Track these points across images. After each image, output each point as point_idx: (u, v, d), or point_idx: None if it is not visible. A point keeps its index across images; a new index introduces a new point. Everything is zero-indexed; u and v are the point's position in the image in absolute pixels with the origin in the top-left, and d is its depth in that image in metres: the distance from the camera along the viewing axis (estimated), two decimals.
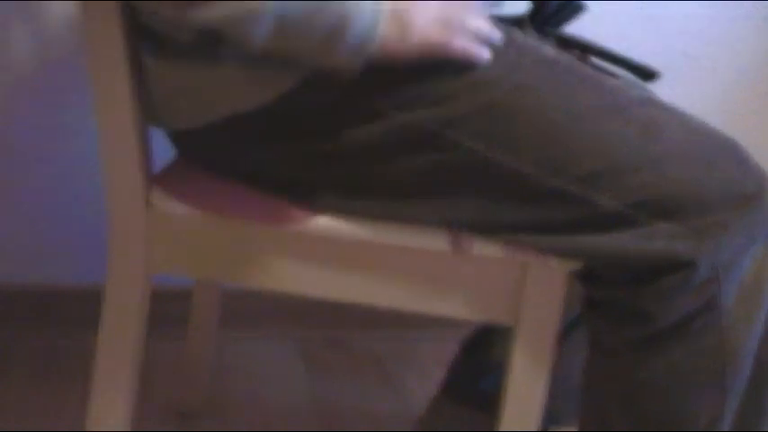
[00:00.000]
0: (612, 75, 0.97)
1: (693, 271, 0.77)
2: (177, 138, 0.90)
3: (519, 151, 0.77)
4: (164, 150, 0.96)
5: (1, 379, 1.29)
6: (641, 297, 0.79)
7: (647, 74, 0.96)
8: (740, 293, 0.80)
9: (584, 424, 0.89)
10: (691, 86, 1.56)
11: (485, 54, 0.77)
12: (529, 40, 0.82)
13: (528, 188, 0.78)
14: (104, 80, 0.80)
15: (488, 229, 0.82)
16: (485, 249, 0.84)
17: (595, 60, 0.99)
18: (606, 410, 0.86)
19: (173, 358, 1.35)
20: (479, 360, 1.15)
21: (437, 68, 0.77)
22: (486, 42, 0.78)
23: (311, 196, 0.84)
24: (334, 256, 0.85)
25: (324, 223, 0.84)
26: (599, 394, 0.87)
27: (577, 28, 1.02)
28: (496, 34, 0.79)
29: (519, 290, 0.85)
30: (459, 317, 0.87)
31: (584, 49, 0.97)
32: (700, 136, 0.80)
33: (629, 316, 0.81)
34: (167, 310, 1.29)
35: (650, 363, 0.81)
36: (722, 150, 0.80)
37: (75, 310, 1.37)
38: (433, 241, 0.84)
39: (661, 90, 1.05)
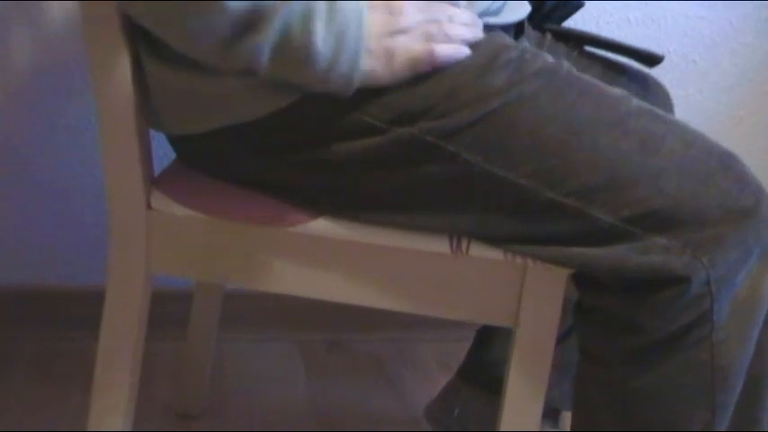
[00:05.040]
0: (614, 64, 0.97)
1: (688, 286, 0.77)
2: (176, 141, 0.90)
3: (516, 163, 0.77)
4: (164, 152, 0.96)
5: (1, 379, 1.29)
6: (634, 309, 0.79)
7: (650, 59, 0.95)
8: (734, 309, 0.80)
9: (577, 423, 0.89)
10: (691, 88, 1.56)
11: (465, 52, 0.79)
12: (528, 48, 0.82)
13: (524, 200, 0.78)
14: (104, 82, 0.80)
15: (485, 239, 0.83)
16: (484, 252, 0.84)
17: (594, 50, 0.98)
18: (596, 418, 0.86)
19: (173, 358, 1.35)
20: (496, 345, 1.15)
21: (434, 83, 0.78)
22: (470, 41, 0.80)
23: (310, 205, 0.84)
24: (333, 258, 0.85)
25: (324, 225, 0.84)
26: (589, 401, 0.87)
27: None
28: (478, 30, 0.81)
29: (518, 292, 0.85)
30: (459, 319, 0.87)
31: (585, 42, 0.97)
32: (697, 149, 0.79)
33: (621, 326, 0.81)
34: (167, 311, 1.29)
35: (640, 375, 0.81)
36: (719, 164, 0.79)
37: (76, 311, 1.37)
38: (433, 243, 0.84)
39: None
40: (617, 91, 0.83)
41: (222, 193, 0.87)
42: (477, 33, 0.81)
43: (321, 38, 0.73)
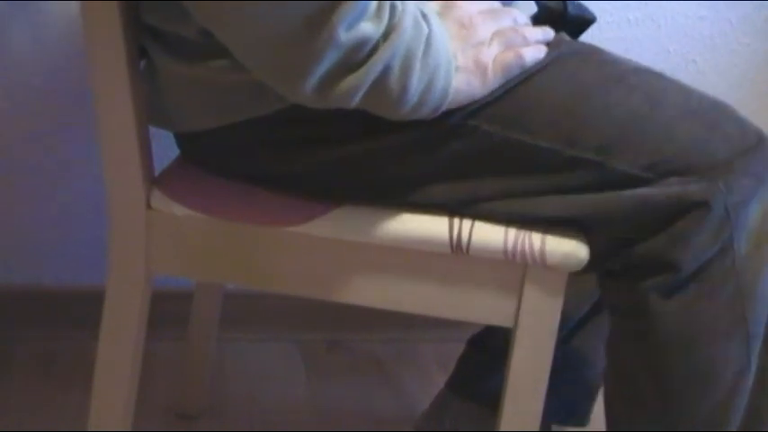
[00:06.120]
0: None
1: (708, 211, 0.80)
2: (184, 139, 0.90)
3: (533, 129, 0.80)
4: (164, 152, 0.96)
5: (1, 379, 1.29)
6: (659, 247, 0.81)
7: None
8: (748, 237, 0.83)
9: (612, 392, 0.90)
10: None
11: (543, 50, 0.82)
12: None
13: (546, 160, 0.81)
14: (104, 81, 0.80)
15: (508, 198, 0.84)
16: (485, 251, 0.84)
17: None
18: (632, 375, 0.87)
19: (173, 358, 1.35)
20: (486, 355, 1.15)
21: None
22: (543, 41, 0.84)
23: (325, 196, 0.85)
24: (333, 257, 0.85)
25: (324, 225, 0.84)
26: (624, 359, 0.88)
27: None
28: (548, 31, 0.85)
29: (519, 292, 0.85)
30: (459, 319, 0.87)
31: None
32: (696, 99, 0.84)
33: (648, 269, 0.83)
34: (167, 311, 1.29)
35: (672, 318, 0.83)
36: (719, 110, 0.84)
37: (76, 311, 1.37)
38: (434, 243, 0.84)
39: None
40: (615, 54, 0.87)
41: (222, 193, 0.87)
42: (547, 32, 0.84)
43: (416, 79, 0.73)
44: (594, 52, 0.86)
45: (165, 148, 0.95)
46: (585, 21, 1.00)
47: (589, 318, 1.09)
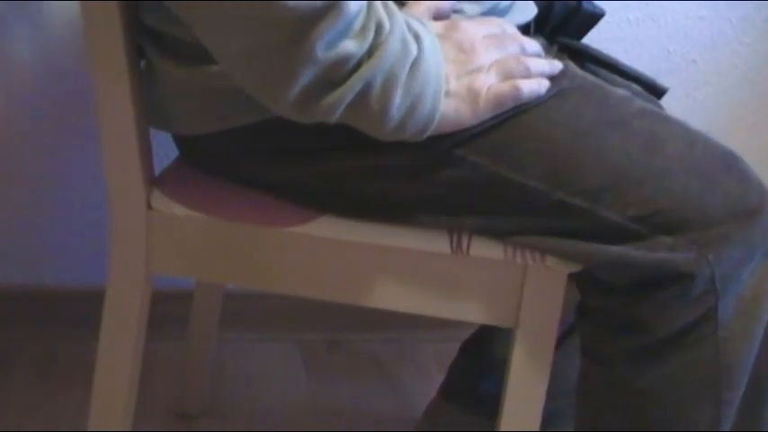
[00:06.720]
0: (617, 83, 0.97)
1: (691, 283, 0.77)
2: (183, 141, 0.90)
3: (523, 166, 0.78)
4: (164, 152, 0.96)
5: (1, 379, 1.29)
6: (638, 307, 0.79)
7: (655, 90, 0.96)
8: (738, 308, 0.80)
9: (580, 428, 0.89)
10: (691, 88, 1.56)
11: (545, 85, 0.78)
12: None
13: (532, 201, 0.78)
14: (104, 81, 0.80)
15: (491, 234, 0.83)
16: (484, 251, 0.84)
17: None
18: (601, 417, 0.86)
19: (173, 359, 1.35)
20: (479, 362, 1.15)
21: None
22: (549, 74, 0.80)
23: (315, 207, 0.85)
24: (333, 258, 0.85)
25: (324, 225, 0.84)
26: (593, 401, 0.87)
27: None
28: (555, 64, 0.80)
29: (519, 292, 0.85)
30: (459, 319, 0.87)
31: (592, 60, 0.97)
32: (701, 149, 0.80)
33: (625, 325, 0.81)
34: (167, 311, 1.29)
35: (645, 372, 0.81)
36: (723, 164, 0.80)
37: (76, 311, 1.37)
38: (433, 243, 0.84)
39: None
40: (620, 92, 0.83)
41: (222, 193, 0.87)
42: (554, 65, 0.80)
43: (398, 101, 0.70)
44: (599, 89, 0.82)
45: (165, 149, 0.96)
46: (596, 16, 0.99)
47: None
